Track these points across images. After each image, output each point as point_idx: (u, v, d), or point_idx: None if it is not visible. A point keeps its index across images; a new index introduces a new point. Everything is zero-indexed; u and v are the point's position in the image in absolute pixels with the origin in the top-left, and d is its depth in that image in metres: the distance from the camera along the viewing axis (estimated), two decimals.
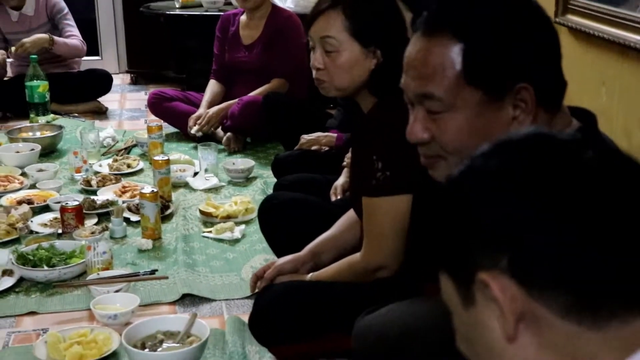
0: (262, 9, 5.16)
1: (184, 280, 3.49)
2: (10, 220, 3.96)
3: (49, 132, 5.30)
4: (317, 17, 2.70)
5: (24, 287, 3.49)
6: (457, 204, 1.10)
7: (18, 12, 5.96)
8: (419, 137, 1.74)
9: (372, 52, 2.67)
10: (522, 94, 1.66)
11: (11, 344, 3.11)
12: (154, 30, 6.61)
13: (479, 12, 1.71)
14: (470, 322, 1.09)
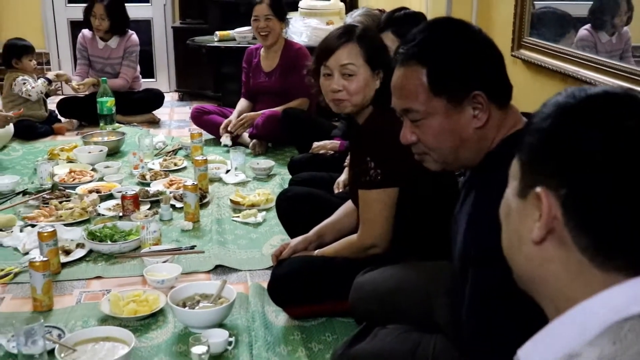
0: (277, 44, 5.19)
1: (216, 254, 3.49)
2: (83, 205, 3.97)
3: (114, 137, 5.31)
4: (336, 49, 2.73)
5: (93, 257, 3.49)
6: (552, 129, 1.08)
7: (105, 43, 6.00)
8: (408, 139, 1.89)
9: (377, 74, 2.70)
10: (477, 99, 1.77)
11: (83, 301, 3.12)
12: (197, 58, 6.60)
13: (434, 45, 1.83)
14: (514, 207, 1.14)
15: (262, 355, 2.62)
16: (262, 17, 5.06)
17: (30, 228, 3.76)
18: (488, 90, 1.77)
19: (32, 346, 2.55)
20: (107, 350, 2.54)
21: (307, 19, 5.93)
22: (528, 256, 1.11)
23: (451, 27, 1.88)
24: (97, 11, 5.85)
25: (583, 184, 1.03)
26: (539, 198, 1.06)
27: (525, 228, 1.10)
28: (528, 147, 1.11)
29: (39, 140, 5.60)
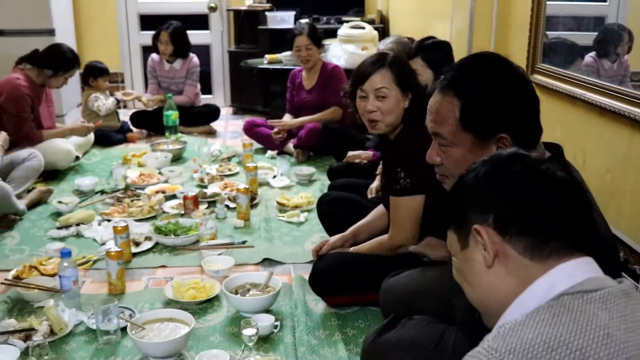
0: (316, 67, 5.22)
1: (264, 249, 3.49)
2: (150, 203, 4.01)
3: (178, 145, 5.34)
4: (371, 74, 2.72)
5: (158, 248, 3.51)
6: (462, 192, 1.33)
7: (170, 65, 6.05)
8: (433, 160, 1.87)
9: (407, 95, 2.68)
10: (502, 140, 1.73)
11: (150, 286, 3.15)
12: (249, 78, 6.61)
13: (474, 82, 1.76)
14: (464, 258, 1.30)
15: (303, 338, 2.62)
16: (303, 47, 5.09)
17: (106, 222, 3.80)
18: (515, 134, 1.70)
19: (108, 323, 2.58)
20: (170, 329, 2.56)
21: (344, 45, 5.91)
22: (490, 285, 1.26)
23: (493, 65, 1.80)
24: (163, 38, 5.90)
25: (502, 206, 1.24)
26: (478, 233, 1.24)
27: (477, 266, 1.27)
28: (456, 210, 1.32)
29: (114, 147, 5.66)
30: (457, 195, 1.35)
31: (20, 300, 2.96)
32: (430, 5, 5.22)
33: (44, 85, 4.85)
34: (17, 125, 4.55)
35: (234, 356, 2.49)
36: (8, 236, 3.72)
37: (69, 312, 2.75)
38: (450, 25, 4.53)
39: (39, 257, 3.33)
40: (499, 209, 1.23)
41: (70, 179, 4.72)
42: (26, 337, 2.60)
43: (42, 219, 3.97)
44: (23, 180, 4.21)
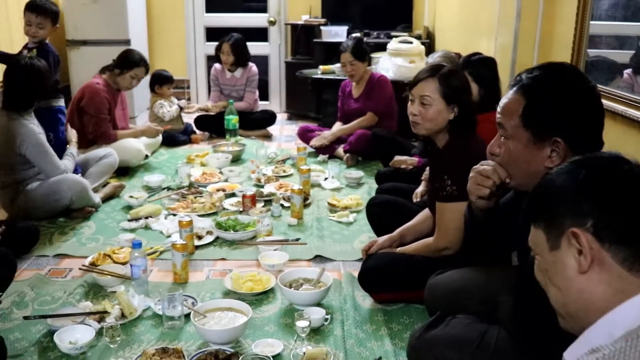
0: (363, 77, 5.20)
1: (316, 246, 3.46)
2: (212, 200, 4.02)
3: (237, 147, 5.35)
4: (419, 82, 2.69)
5: (219, 242, 3.51)
6: (554, 191, 1.22)
7: (231, 74, 6.06)
8: (494, 150, 1.86)
9: (452, 108, 2.63)
10: (557, 144, 1.69)
11: (211, 277, 3.15)
12: (303, 86, 6.61)
13: (541, 85, 1.74)
14: (552, 260, 1.20)
15: (352, 331, 2.59)
16: (348, 63, 5.08)
17: (172, 217, 3.83)
18: (571, 141, 1.68)
19: (173, 310, 2.60)
20: (229, 318, 2.56)
21: (393, 58, 5.86)
22: (579, 291, 1.16)
23: (565, 73, 1.79)
24: (225, 49, 5.92)
25: (603, 212, 1.14)
26: (575, 236, 1.15)
27: (569, 270, 1.17)
28: (547, 209, 1.22)
29: (179, 147, 5.71)
30: (547, 193, 1.24)
31: (95, 285, 3.00)
32: (475, 22, 5.14)
33: (120, 90, 4.94)
34: (95, 125, 4.66)
35: (287, 345, 2.48)
36: (85, 226, 3.79)
37: (138, 297, 2.78)
38: (495, 41, 4.45)
39: (112, 246, 3.38)
40: (599, 215, 1.14)
41: (140, 176, 4.78)
42: (100, 318, 2.63)
43: (115, 212, 4.02)
44: (99, 175, 4.28)
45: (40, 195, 3.74)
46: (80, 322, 2.58)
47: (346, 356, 2.43)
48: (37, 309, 2.81)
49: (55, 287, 3.02)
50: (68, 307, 2.74)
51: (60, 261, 3.34)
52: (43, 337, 2.56)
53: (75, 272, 3.19)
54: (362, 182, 4.58)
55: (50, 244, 3.52)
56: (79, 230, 3.72)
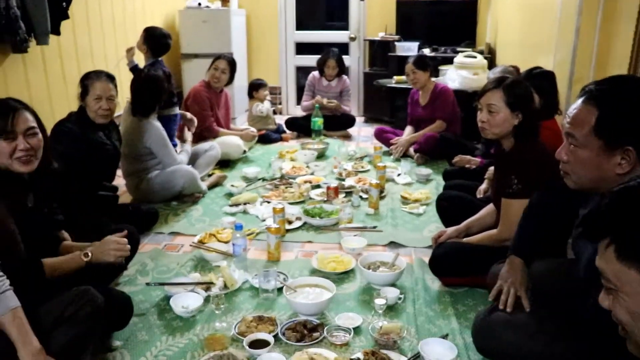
0: (427, 86, 5.08)
1: (391, 233, 3.39)
2: (300, 190, 4.01)
3: (322, 145, 5.33)
4: (486, 92, 2.59)
5: (306, 227, 3.50)
6: None
7: (328, 82, 6.02)
8: (561, 157, 1.74)
9: (516, 114, 2.51)
10: (627, 152, 1.57)
11: (299, 257, 3.13)
12: (379, 93, 6.55)
13: (614, 97, 1.61)
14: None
15: (422, 309, 2.53)
16: (410, 72, 5.01)
17: (266, 203, 3.84)
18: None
19: (267, 284, 2.60)
20: (316, 293, 2.54)
21: (459, 70, 5.70)
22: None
23: (636, 86, 1.65)
24: (330, 64, 5.90)
25: None
26: None
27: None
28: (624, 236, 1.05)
29: (272, 144, 5.73)
30: (630, 215, 1.05)
31: (202, 259, 3.05)
32: (534, 39, 4.93)
33: (222, 92, 5.04)
34: (200, 120, 4.75)
35: (365, 319, 2.43)
36: (194, 209, 3.85)
37: (238, 272, 2.80)
38: (553, 57, 4.24)
39: (216, 227, 3.42)
40: None
41: (239, 168, 4.83)
42: (207, 288, 2.67)
43: (218, 198, 4.07)
44: (205, 166, 4.36)
45: (158, 182, 3.84)
46: (190, 290, 2.62)
47: (417, 331, 2.36)
48: (155, 277, 2.87)
49: (170, 259, 3.08)
50: (180, 277, 2.79)
51: (174, 238, 3.41)
52: (161, 301, 2.61)
53: (186, 247, 3.24)
54: (430, 178, 4.47)
55: (165, 223, 3.60)
56: (189, 212, 3.79)
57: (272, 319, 2.38)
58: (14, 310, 1.79)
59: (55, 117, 3.37)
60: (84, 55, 4.99)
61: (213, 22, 6.27)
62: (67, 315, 1.92)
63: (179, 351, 2.25)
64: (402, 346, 2.25)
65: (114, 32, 5.50)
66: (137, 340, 2.32)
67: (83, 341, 1.96)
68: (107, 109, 3.17)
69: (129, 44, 5.70)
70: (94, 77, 3.18)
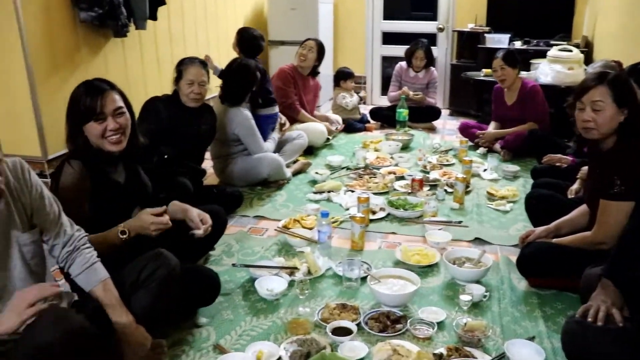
0: (514, 85, 4.84)
1: (476, 230, 3.33)
2: (384, 181, 3.99)
3: (406, 137, 5.28)
4: (589, 90, 2.44)
5: (390, 218, 3.48)
6: None
7: (415, 73, 5.96)
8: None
9: (622, 111, 2.38)
10: None
11: (383, 247, 3.13)
12: (466, 86, 6.39)
13: None
14: None
15: (508, 309, 2.47)
16: (499, 68, 4.77)
17: (350, 192, 3.86)
18: None
19: (351, 272, 2.62)
20: (400, 285, 2.53)
21: (552, 64, 5.48)
22: None
23: None
24: (419, 55, 5.83)
25: None
26: None
27: None
28: None
29: (356, 133, 5.73)
30: None
31: (286, 244, 3.10)
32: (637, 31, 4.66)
33: (309, 75, 5.12)
34: (282, 97, 4.83)
35: (449, 315, 2.41)
36: (278, 194, 3.93)
37: (322, 259, 2.83)
38: None
39: (300, 213, 3.47)
40: None
41: (323, 155, 4.87)
42: (291, 272, 2.72)
43: (302, 184, 4.13)
44: (291, 153, 4.43)
45: (244, 167, 3.93)
46: (275, 274, 2.68)
47: (502, 331, 2.31)
48: (240, 258, 2.95)
49: (255, 242, 3.16)
50: (265, 260, 2.86)
51: (259, 222, 3.49)
52: (246, 282, 2.69)
53: (271, 232, 3.31)
54: (517, 175, 4.33)
55: (250, 207, 3.69)
56: (274, 197, 3.86)
57: (355, 308, 2.39)
58: (104, 282, 1.89)
59: None
60: (177, 40, 5.17)
61: (301, 9, 6.32)
62: (143, 279, 1.99)
63: (263, 332, 2.31)
64: (486, 345, 2.22)
65: (205, 18, 5.66)
66: (223, 318, 2.40)
67: (160, 305, 2.02)
68: (198, 93, 3.30)
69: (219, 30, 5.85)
70: (188, 62, 3.33)
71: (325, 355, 2.03)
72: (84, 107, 2.10)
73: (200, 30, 5.58)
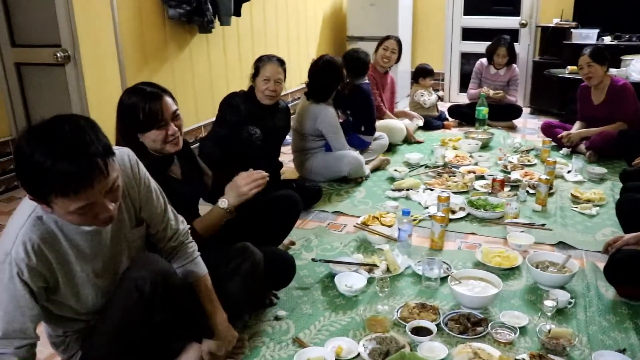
0: (603, 83, 4.59)
1: (560, 233, 3.21)
2: (464, 180, 3.93)
3: (486, 135, 5.16)
4: None
5: (469, 218, 3.43)
6: None
7: (496, 70, 5.81)
8: None
9: None
10: None
11: (462, 248, 3.09)
12: (548, 84, 6.18)
13: None
14: None
15: (595, 318, 2.38)
16: (585, 65, 4.53)
17: (429, 191, 3.82)
18: None
19: (431, 272, 2.60)
20: (481, 287, 2.48)
21: None
22: None
23: None
24: (501, 52, 5.67)
25: None
26: None
27: None
28: None
29: (434, 131, 5.66)
30: None
31: (365, 240, 3.11)
32: None
33: (387, 73, 5.10)
34: None
35: (532, 320, 2.35)
36: (357, 191, 3.94)
37: (401, 257, 2.82)
38: None
39: (378, 210, 3.46)
40: None
41: (401, 153, 4.84)
42: (370, 270, 2.72)
43: (381, 181, 4.12)
44: (372, 153, 4.45)
45: (324, 164, 3.94)
46: (354, 270, 2.69)
47: (589, 341, 2.23)
48: (319, 253, 2.99)
49: (333, 238, 3.18)
50: (344, 257, 2.88)
51: (337, 217, 3.52)
52: (325, 278, 2.72)
53: (349, 228, 3.33)
54: (604, 178, 4.15)
55: (329, 202, 3.72)
56: (352, 193, 3.88)
57: (435, 308, 2.37)
58: (204, 277, 1.95)
59: None
60: (258, 35, 5.27)
61: (380, 4, 6.29)
62: (229, 271, 2.04)
63: (342, 328, 2.32)
64: (571, 354, 2.14)
65: (285, 14, 5.74)
66: (302, 312, 2.44)
67: (244, 297, 2.07)
68: (273, 91, 3.29)
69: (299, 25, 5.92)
70: (266, 60, 3.32)
71: (405, 354, 2.03)
72: (143, 116, 1.97)
73: (281, 26, 5.67)
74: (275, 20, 5.55)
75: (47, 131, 1.35)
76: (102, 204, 1.44)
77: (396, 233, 3.00)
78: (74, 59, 3.47)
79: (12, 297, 1.46)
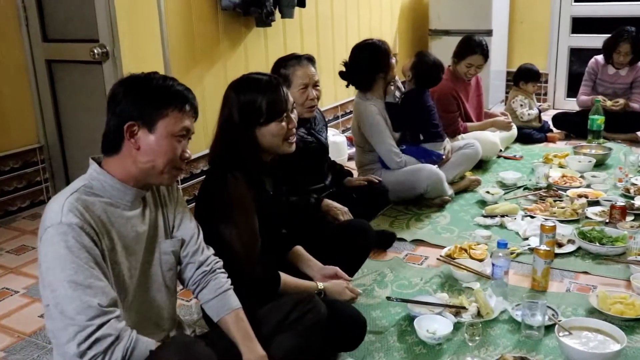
0: None
1: None
2: (573, 206, 3.81)
3: (601, 151, 5.01)
4: None
5: (581, 253, 3.32)
6: None
7: (616, 70, 5.65)
8: None
9: None
10: None
11: (572, 290, 2.99)
12: None
13: None
14: None
15: None
16: None
17: (529, 218, 3.74)
18: None
19: (532, 318, 2.53)
20: (598, 341, 2.39)
21: None
22: None
23: None
24: (623, 49, 5.49)
25: None
26: None
27: None
28: None
29: (535, 145, 5.56)
30: None
31: (450, 277, 3.07)
32: None
33: None
34: (446, 122, 4.56)
35: None
36: (440, 216, 3.90)
37: (495, 299, 2.76)
38: None
39: (466, 239, 3.42)
40: None
41: (494, 171, 4.78)
42: (456, 312, 2.67)
43: (469, 205, 4.07)
44: (456, 166, 4.30)
45: (395, 179, 3.87)
46: (437, 313, 2.65)
47: None
48: (395, 290, 2.96)
49: (412, 272, 3.15)
50: (425, 295, 2.84)
51: (416, 247, 3.49)
52: (402, 320, 2.69)
53: (431, 260, 3.29)
54: None
55: (407, 229, 3.70)
56: (434, 219, 3.85)
57: None
58: (236, 311, 1.97)
59: None
60: (324, 29, 5.33)
61: None
62: (291, 321, 2.05)
63: None
64: None
65: (357, 3, 5.79)
66: None
67: (303, 351, 2.06)
68: (315, 99, 3.12)
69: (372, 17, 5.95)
70: (295, 63, 3.09)
71: None
72: (271, 105, 2.20)
73: (351, 19, 5.72)
74: (344, 12, 5.61)
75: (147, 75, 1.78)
76: (186, 142, 1.80)
77: (489, 269, 2.95)
78: (112, 55, 3.60)
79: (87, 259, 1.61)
